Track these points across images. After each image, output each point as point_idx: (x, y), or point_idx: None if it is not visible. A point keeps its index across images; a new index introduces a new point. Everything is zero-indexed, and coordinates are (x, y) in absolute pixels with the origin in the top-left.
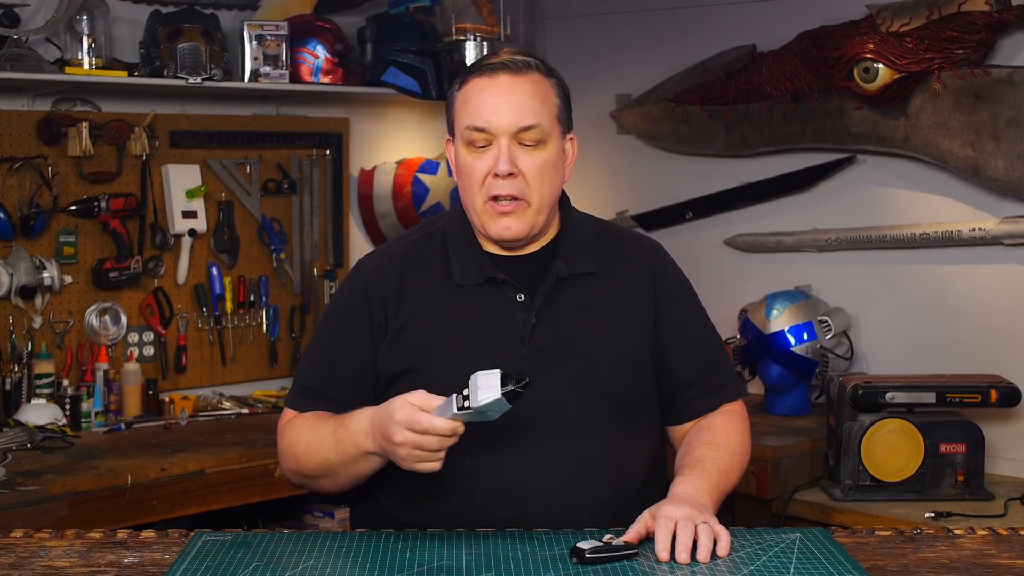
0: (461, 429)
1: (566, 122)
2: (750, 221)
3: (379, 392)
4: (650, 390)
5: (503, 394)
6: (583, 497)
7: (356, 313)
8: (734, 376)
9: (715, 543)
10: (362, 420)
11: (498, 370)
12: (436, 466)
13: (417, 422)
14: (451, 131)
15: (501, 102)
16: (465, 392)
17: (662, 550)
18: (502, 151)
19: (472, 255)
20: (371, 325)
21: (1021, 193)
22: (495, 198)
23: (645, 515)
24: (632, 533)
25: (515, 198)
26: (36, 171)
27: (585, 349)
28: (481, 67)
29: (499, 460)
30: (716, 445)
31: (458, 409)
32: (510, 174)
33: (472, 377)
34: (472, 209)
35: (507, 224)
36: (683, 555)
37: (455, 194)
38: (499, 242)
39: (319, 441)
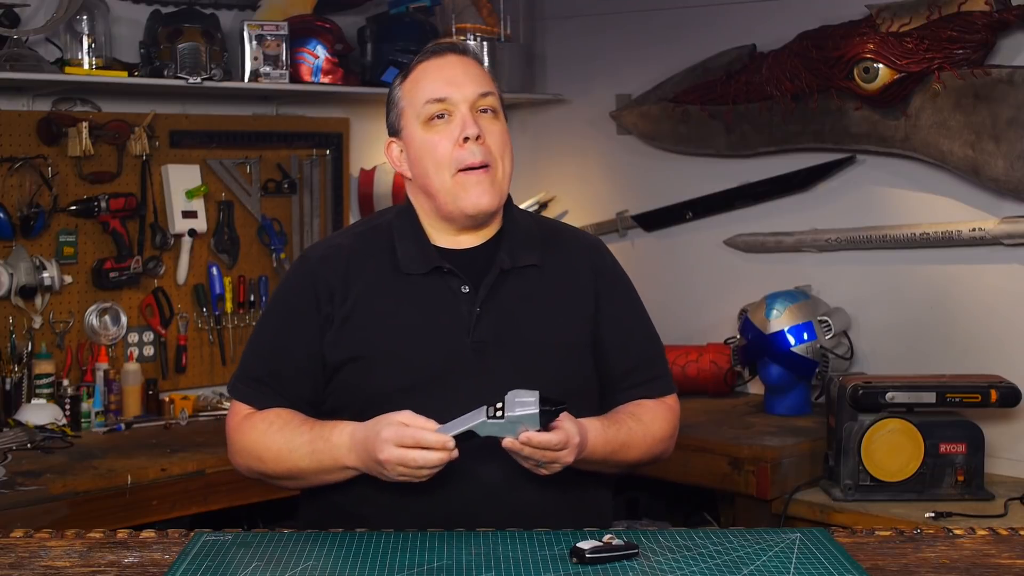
0: (451, 444)
1: (505, 111)
2: (750, 221)
3: (325, 382)
4: (591, 379)
5: (539, 411)
6: (534, 485)
7: (303, 303)
8: (668, 373)
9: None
10: (343, 435)
11: (536, 391)
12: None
13: (409, 436)
14: (395, 128)
15: (457, 74)
16: (499, 404)
17: (521, 439)
18: (466, 117)
19: (419, 246)
20: (319, 315)
21: (1021, 193)
22: (464, 170)
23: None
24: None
25: (485, 165)
26: (36, 171)
27: (529, 339)
28: (426, 53)
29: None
30: (638, 418)
31: (488, 418)
32: (478, 137)
33: (510, 393)
34: (440, 189)
35: (479, 193)
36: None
37: None
38: (471, 217)
39: (292, 449)
